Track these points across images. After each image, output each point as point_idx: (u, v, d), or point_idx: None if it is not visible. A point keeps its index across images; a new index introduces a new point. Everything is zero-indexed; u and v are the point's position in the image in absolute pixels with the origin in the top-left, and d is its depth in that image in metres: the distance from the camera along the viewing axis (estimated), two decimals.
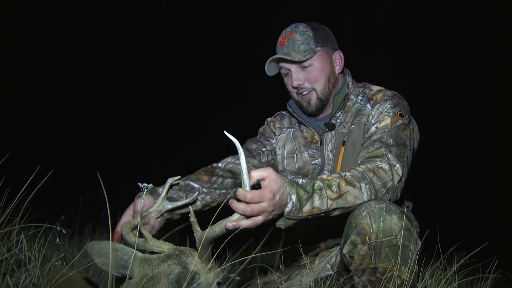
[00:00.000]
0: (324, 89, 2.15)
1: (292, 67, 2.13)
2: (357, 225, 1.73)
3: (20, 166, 2.75)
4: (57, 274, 1.64)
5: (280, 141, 2.34)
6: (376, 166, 1.81)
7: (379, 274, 1.68)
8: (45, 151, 6.83)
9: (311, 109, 2.17)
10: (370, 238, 1.71)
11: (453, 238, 2.10)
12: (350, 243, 1.75)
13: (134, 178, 1.97)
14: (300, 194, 1.61)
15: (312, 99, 2.15)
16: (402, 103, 2.11)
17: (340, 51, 2.22)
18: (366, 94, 2.19)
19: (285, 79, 2.21)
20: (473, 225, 6.23)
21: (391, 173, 1.81)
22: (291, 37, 2.13)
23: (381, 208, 1.72)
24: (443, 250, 1.94)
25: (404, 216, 1.74)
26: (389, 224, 1.70)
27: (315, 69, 2.13)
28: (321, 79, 2.14)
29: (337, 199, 1.67)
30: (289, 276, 2.22)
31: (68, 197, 3.57)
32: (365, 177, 1.76)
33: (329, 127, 2.18)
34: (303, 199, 1.61)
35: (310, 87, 2.14)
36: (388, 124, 2.00)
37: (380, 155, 1.88)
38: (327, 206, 1.65)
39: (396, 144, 1.93)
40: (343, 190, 1.69)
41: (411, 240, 1.73)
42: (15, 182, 1.84)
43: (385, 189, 1.78)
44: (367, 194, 1.74)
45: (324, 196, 1.65)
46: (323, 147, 2.19)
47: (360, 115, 2.12)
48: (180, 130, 8.76)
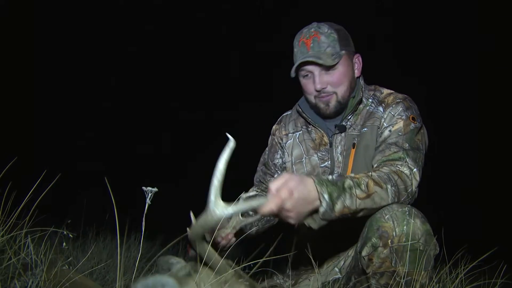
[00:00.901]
0: (345, 93, 2.13)
1: (316, 70, 2.08)
2: (379, 228, 1.73)
3: (26, 170, 2.75)
4: (63, 278, 1.64)
5: (288, 148, 2.33)
6: (399, 170, 1.81)
7: (399, 277, 1.68)
8: (50, 156, 6.84)
9: (329, 111, 2.14)
10: (393, 241, 1.70)
11: (457, 241, 2.10)
12: (370, 246, 1.75)
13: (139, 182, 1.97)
14: (332, 192, 1.59)
15: (332, 102, 2.12)
16: (414, 106, 2.11)
17: (359, 55, 2.20)
18: (376, 97, 2.18)
19: (304, 80, 2.15)
20: (478, 228, 6.24)
21: (412, 177, 1.81)
22: (316, 39, 2.07)
23: (404, 212, 1.72)
24: (448, 252, 1.94)
25: (426, 221, 1.75)
26: (413, 228, 1.70)
27: (339, 73, 2.09)
28: (344, 83, 2.11)
29: (366, 199, 1.66)
30: (296, 280, 2.21)
31: (72, 201, 3.58)
32: (390, 179, 1.76)
33: (340, 129, 2.16)
34: (334, 197, 1.59)
35: (332, 91, 2.10)
36: (401, 128, 1.99)
37: (398, 159, 1.88)
38: (356, 206, 1.64)
39: (412, 148, 1.93)
40: (372, 190, 1.68)
41: (431, 244, 1.73)
42: (21, 186, 1.84)
43: (407, 193, 1.78)
44: (392, 197, 1.73)
45: (354, 195, 1.64)
46: (333, 149, 2.18)
47: (373, 118, 2.11)
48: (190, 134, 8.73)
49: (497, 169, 7.87)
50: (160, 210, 1.92)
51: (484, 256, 1.78)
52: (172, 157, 8.42)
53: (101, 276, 2.60)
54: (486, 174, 7.90)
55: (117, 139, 8.25)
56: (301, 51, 2.09)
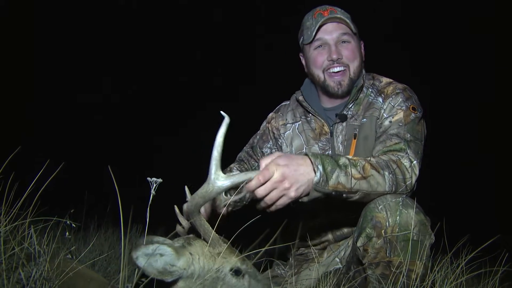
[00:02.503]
0: (356, 70, 2.14)
1: (332, 40, 2.10)
2: (373, 218, 1.73)
3: (29, 160, 2.75)
4: (66, 268, 1.65)
5: (287, 138, 2.31)
6: (399, 160, 1.81)
7: (393, 267, 1.68)
8: (53, 146, 6.83)
9: (342, 90, 2.14)
10: (386, 231, 1.71)
11: (459, 232, 2.11)
12: (365, 236, 1.75)
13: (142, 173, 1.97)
14: (325, 164, 1.61)
15: (345, 80, 2.13)
16: (414, 96, 2.11)
17: (363, 42, 2.24)
18: (376, 86, 2.17)
19: (315, 52, 2.15)
20: (479, 219, 6.24)
21: (411, 170, 1.81)
22: (333, 11, 2.10)
23: (397, 202, 1.72)
24: (450, 243, 1.94)
25: (420, 211, 1.75)
26: (406, 219, 1.70)
27: (353, 46, 2.13)
28: (357, 59, 2.13)
29: (361, 180, 1.67)
30: (297, 270, 2.22)
31: (74, 191, 3.58)
32: (389, 167, 1.75)
33: (341, 118, 2.16)
34: (328, 170, 1.61)
35: (346, 64, 2.12)
36: (402, 118, 1.99)
37: (399, 149, 1.87)
38: (351, 184, 1.65)
39: (414, 139, 1.93)
40: (368, 173, 1.68)
41: (426, 234, 1.73)
42: (24, 176, 1.84)
43: (405, 185, 1.78)
44: (389, 184, 1.73)
45: (349, 174, 1.65)
46: (334, 139, 2.17)
47: (372, 108, 2.11)
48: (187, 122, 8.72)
49: (498, 161, 7.88)
50: (161, 202, 1.92)
51: (485, 244, 1.78)
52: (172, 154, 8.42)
53: (103, 268, 2.62)
54: (488, 166, 7.90)
55: (121, 129, 8.26)
56: (317, 20, 2.10)
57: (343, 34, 2.11)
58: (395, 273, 1.66)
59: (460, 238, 1.98)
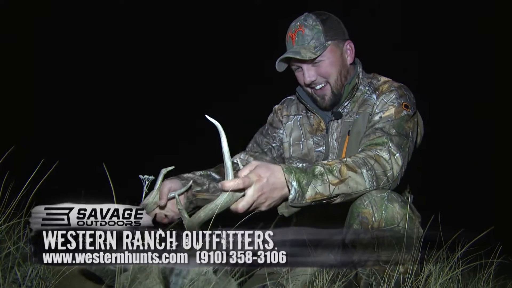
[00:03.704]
0: (337, 82, 2.15)
1: (303, 65, 2.13)
2: (359, 214, 1.75)
3: (24, 159, 2.75)
4: (63, 267, 1.65)
5: (287, 128, 2.35)
6: (377, 154, 1.82)
7: (383, 262, 1.70)
8: (48, 145, 6.83)
9: (325, 104, 2.18)
10: (373, 227, 1.72)
11: (455, 226, 2.12)
12: (352, 233, 1.77)
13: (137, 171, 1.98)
14: (300, 179, 1.62)
15: (327, 94, 2.16)
16: (409, 94, 2.12)
17: (350, 41, 2.21)
18: (373, 84, 2.19)
19: (297, 73, 2.21)
20: (475, 213, 6.25)
21: (391, 162, 1.82)
22: (300, 32, 2.12)
23: (382, 197, 1.74)
24: (445, 238, 1.95)
25: (406, 205, 1.76)
26: (391, 213, 1.72)
27: (326, 64, 2.12)
28: (333, 73, 2.14)
29: (339, 185, 1.68)
30: None
31: (70, 190, 3.58)
32: (366, 164, 1.77)
33: (336, 116, 2.19)
34: (303, 184, 1.62)
35: (324, 81, 2.14)
36: (392, 114, 2.00)
37: (380, 143, 1.88)
38: (330, 191, 1.66)
39: (398, 134, 1.94)
40: (345, 175, 1.69)
41: (413, 228, 1.75)
42: (19, 176, 1.84)
43: (386, 177, 1.79)
44: (369, 181, 1.74)
45: (326, 181, 1.66)
46: (329, 135, 2.21)
47: (366, 105, 2.13)
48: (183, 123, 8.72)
49: (499, 155, 7.90)
50: None
51: (480, 235, 1.79)
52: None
53: (100, 267, 2.61)
54: (484, 161, 7.93)
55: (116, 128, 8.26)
56: (288, 45, 2.17)
57: (312, 59, 2.12)
58: (384, 268, 1.67)
59: (455, 232, 2.00)
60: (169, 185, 1.95)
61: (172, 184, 1.96)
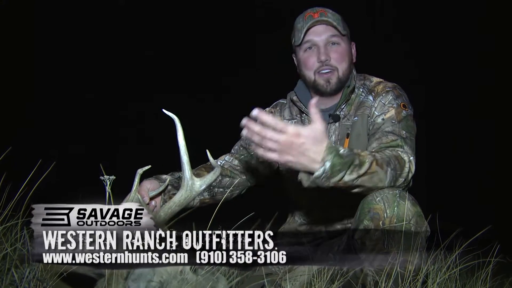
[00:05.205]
0: (345, 72, 2.15)
1: (321, 42, 2.12)
2: (371, 210, 1.75)
3: (21, 160, 2.73)
4: (60, 269, 1.64)
5: None
6: (400, 155, 1.82)
7: (391, 259, 1.69)
8: (46, 146, 6.79)
9: (330, 88, 2.14)
10: (384, 223, 1.72)
11: (453, 226, 2.13)
12: (363, 229, 1.76)
13: None
14: (336, 164, 1.58)
15: (333, 78, 2.13)
16: (403, 94, 2.14)
17: (354, 44, 2.25)
18: (366, 86, 2.20)
19: (305, 54, 2.17)
20: (473, 212, 6.26)
21: (409, 165, 1.83)
22: (323, 14, 2.12)
23: (394, 194, 1.74)
24: (443, 237, 1.96)
25: (416, 203, 1.77)
26: (403, 210, 1.72)
27: (342, 49, 2.13)
28: (346, 61, 2.14)
29: (363, 177, 1.66)
30: (291, 266, 2.22)
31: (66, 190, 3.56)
32: (391, 162, 1.76)
33: (334, 118, 2.17)
34: (336, 169, 1.58)
35: (335, 66, 2.13)
36: (394, 115, 2.01)
37: (397, 146, 1.89)
38: (353, 182, 1.65)
39: (410, 135, 1.96)
40: (373, 170, 1.68)
41: (422, 226, 1.75)
42: (16, 177, 1.84)
43: (403, 179, 1.80)
44: (389, 180, 1.74)
45: (356, 173, 1.64)
46: None
47: (363, 107, 2.13)
48: None
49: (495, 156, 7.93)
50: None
51: (478, 234, 1.80)
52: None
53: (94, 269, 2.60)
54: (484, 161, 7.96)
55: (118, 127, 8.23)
56: (307, 22, 2.12)
57: (332, 36, 2.13)
58: (392, 264, 1.67)
59: (453, 231, 2.00)
60: (148, 185, 1.93)
61: (150, 184, 1.94)
